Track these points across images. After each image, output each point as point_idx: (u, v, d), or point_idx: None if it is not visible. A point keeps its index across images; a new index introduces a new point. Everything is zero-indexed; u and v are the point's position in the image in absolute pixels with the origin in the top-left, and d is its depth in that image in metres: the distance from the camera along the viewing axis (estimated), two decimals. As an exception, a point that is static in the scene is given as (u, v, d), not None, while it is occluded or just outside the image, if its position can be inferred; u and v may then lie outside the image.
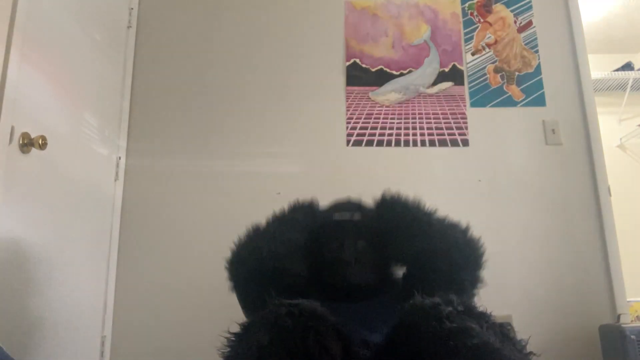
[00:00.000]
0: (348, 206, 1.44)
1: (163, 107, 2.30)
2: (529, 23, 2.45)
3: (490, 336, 0.85)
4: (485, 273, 1.28)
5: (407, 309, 0.94)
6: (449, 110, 2.32)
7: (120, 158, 2.18)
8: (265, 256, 1.24)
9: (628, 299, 2.14)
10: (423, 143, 2.28)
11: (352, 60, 2.37)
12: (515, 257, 2.15)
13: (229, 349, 0.96)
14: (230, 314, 1.28)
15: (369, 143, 2.28)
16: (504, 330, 0.91)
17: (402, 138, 2.29)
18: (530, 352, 0.92)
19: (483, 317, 0.91)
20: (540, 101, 2.34)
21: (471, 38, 2.43)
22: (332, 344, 0.85)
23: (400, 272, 1.35)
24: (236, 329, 0.99)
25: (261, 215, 1.41)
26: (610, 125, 3.66)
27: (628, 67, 3.60)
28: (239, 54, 2.37)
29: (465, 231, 1.30)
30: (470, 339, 0.82)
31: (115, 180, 2.15)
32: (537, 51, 2.41)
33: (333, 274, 1.27)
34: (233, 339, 0.97)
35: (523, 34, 2.44)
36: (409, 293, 1.04)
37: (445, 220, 1.31)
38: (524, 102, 2.34)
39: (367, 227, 1.35)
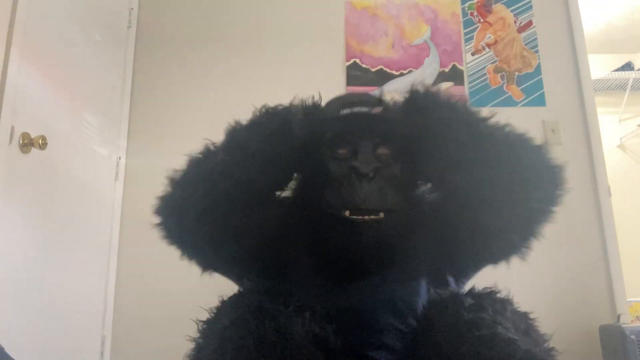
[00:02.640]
0: (363, 100, 0.95)
1: (163, 107, 2.30)
2: (529, 23, 2.45)
3: (511, 327, 0.80)
4: (485, 273, 1.28)
5: (426, 304, 0.88)
6: (449, 110, 2.32)
7: (120, 158, 2.18)
8: (230, 163, 0.87)
9: (628, 299, 2.14)
10: (423, 143, 2.28)
11: (352, 60, 2.37)
12: (515, 257, 2.15)
13: (199, 337, 0.90)
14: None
15: (369, 143, 2.27)
16: (525, 320, 0.89)
17: (402, 138, 2.29)
18: (552, 348, 0.89)
19: (505, 306, 0.87)
20: (540, 101, 2.34)
21: (471, 38, 2.43)
22: (295, 327, 0.76)
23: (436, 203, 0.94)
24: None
25: (261, 215, 1.41)
26: (610, 125, 3.66)
27: (628, 67, 3.60)
28: (238, 54, 2.37)
29: (539, 148, 0.96)
30: (482, 329, 0.76)
31: (115, 180, 2.15)
32: (537, 51, 2.41)
33: (338, 194, 0.85)
34: (204, 325, 0.91)
35: (523, 34, 2.44)
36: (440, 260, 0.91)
37: (509, 131, 0.95)
38: (524, 102, 2.34)
39: (393, 129, 0.91)
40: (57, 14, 1.70)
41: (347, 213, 0.82)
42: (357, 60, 2.37)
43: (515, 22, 2.45)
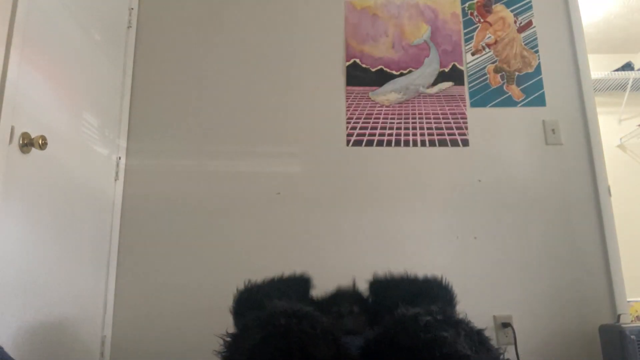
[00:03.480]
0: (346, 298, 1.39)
1: (163, 107, 2.30)
2: (529, 23, 2.45)
3: (464, 345, 0.85)
4: (486, 273, 1.28)
5: (389, 320, 0.95)
6: (449, 110, 2.32)
7: (120, 158, 2.18)
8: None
9: (628, 299, 2.14)
10: (423, 143, 2.28)
11: (352, 60, 2.37)
12: (516, 257, 2.15)
13: (225, 350, 0.96)
14: (230, 314, 1.28)
15: (369, 143, 2.28)
16: (481, 338, 0.93)
17: (402, 138, 2.29)
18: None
19: (460, 325, 0.91)
20: (540, 101, 2.34)
21: (471, 38, 2.43)
22: (319, 350, 0.84)
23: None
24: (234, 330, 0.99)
25: (261, 215, 1.41)
26: (610, 125, 3.66)
27: (628, 67, 3.60)
28: (238, 54, 2.37)
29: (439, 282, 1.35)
30: (443, 348, 0.82)
31: (115, 180, 2.15)
32: (537, 51, 2.41)
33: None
34: (229, 339, 0.97)
35: (523, 34, 2.44)
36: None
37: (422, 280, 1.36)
38: (524, 102, 2.34)
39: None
40: (57, 14, 1.70)
41: None
42: (357, 60, 2.37)
43: (515, 22, 2.45)
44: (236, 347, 0.94)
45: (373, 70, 2.37)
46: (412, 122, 2.31)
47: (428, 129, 2.30)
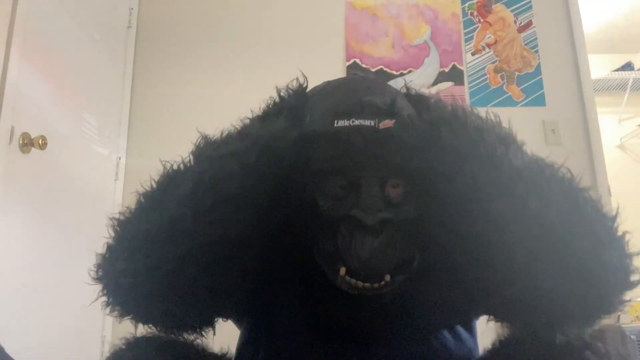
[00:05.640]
0: (367, 105, 0.65)
1: (163, 107, 2.30)
2: (529, 23, 2.45)
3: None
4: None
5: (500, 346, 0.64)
6: (449, 110, 2.32)
7: (120, 158, 2.18)
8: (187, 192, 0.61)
9: (628, 299, 2.14)
10: (423, 143, 2.28)
11: (352, 60, 2.37)
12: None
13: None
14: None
15: (369, 143, 2.27)
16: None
17: (402, 138, 2.29)
18: None
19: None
20: (540, 101, 2.34)
21: (471, 38, 2.43)
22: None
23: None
24: None
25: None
26: (610, 125, 3.66)
27: (628, 67, 3.60)
28: (238, 54, 2.37)
29: (595, 204, 0.68)
30: None
31: (115, 180, 2.15)
32: (537, 51, 2.41)
33: (330, 247, 0.61)
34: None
35: (523, 34, 2.44)
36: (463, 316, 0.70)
37: (556, 172, 0.68)
38: (524, 102, 2.34)
39: (410, 157, 0.61)
40: (57, 14, 1.70)
41: (342, 271, 0.59)
42: (357, 60, 2.37)
43: (515, 22, 2.45)
44: None
45: (373, 70, 2.37)
46: (412, 122, 2.31)
47: (428, 129, 2.30)
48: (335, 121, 0.64)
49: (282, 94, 0.79)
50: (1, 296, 1.35)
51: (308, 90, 0.81)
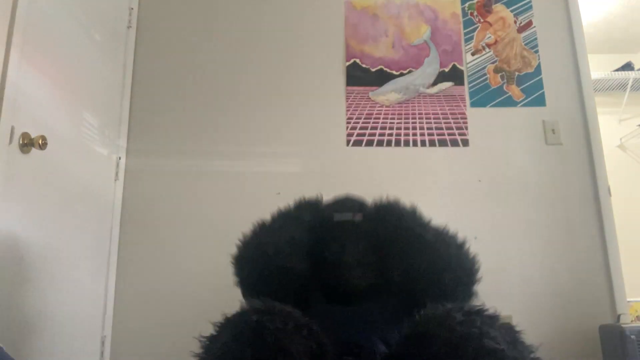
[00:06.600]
0: (349, 205, 1.39)
1: (163, 107, 2.30)
2: (529, 23, 2.45)
3: (500, 340, 0.85)
4: (486, 273, 1.28)
5: (419, 319, 0.94)
6: (449, 110, 2.32)
7: (120, 158, 2.18)
8: (270, 254, 1.22)
9: (628, 299, 2.14)
10: (423, 143, 2.28)
11: (352, 60, 2.37)
12: (515, 257, 2.15)
13: (202, 350, 0.95)
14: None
15: (369, 143, 2.28)
16: (513, 334, 0.92)
17: (402, 138, 2.29)
18: (539, 358, 0.91)
19: (493, 321, 0.92)
20: (540, 101, 2.34)
21: (471, 38, 2.43)
22: (294, 344, 0.83)
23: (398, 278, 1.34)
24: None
25: (261, 215, 1.41)
26: (610, 125, 3.66)
27: (628, 67, 3.60)
28: (239, 54, 2.37)
29: (460, 246, 1.25)
30: (482, 343, 0.83)
31: (115, 180, 2.15)
32: (537, 51, 2.41)
33: (334, 276, 1.24)
34: (206, 341, 0.96)
35: (523, 34, 2.44)
36: (405, 303, 1.10)
37: (441, 233, 1.27)
38: (524, 102, 2.34)
39: (367, 230, 1.31)
40: (57, 14, 1.69)
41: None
42: (357, 60, 2.37)
43: (515, 22, 2.45)
44: (209, 347, 0.93)
45: (373, 70, 2.37)
46: (412, 122, 2.31)
47: (428, 129, 2.30)
48: (335, 215, 1.37)
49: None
50: (1, 296, 1.35)
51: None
